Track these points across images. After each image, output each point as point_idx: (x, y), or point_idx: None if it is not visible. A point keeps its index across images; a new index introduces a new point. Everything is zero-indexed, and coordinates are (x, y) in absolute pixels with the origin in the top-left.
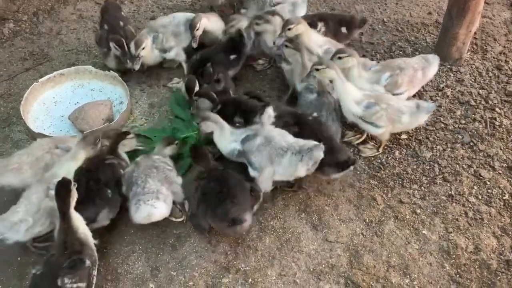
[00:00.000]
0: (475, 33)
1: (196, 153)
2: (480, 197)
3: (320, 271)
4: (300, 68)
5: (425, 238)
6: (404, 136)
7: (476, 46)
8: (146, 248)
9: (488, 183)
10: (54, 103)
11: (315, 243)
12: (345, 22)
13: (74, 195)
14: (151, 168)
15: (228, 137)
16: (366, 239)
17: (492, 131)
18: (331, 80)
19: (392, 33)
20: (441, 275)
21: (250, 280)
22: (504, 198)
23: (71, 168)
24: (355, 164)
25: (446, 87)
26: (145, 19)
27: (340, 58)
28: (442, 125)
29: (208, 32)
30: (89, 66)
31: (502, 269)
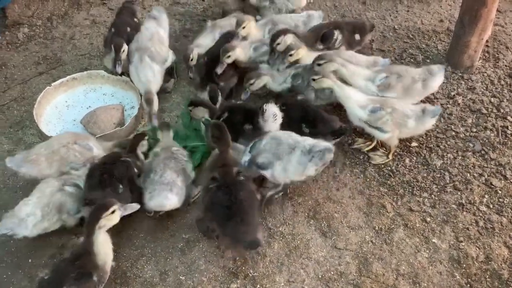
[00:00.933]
0: (487, 41)
1: (215, 131)
2: (491, 206)
3: (328, 278)
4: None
5: (435, 246)
6: (414, 144)
7: (488, 54)
8: (155, 252)
9: (500, 192)
10: (66, 107)
11: (324, 250)
12: (358, 29)
13: (109, 221)
14: (169, 158)
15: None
16: (375, 246)
17: (504, 139)
18: (329, 88)
19: (403, 40)
20: (451, 284)
21: (258, 286)
22: None
23: None
24: (346, 133)
25: (457, 95)
26: None
27: (319, 65)
28: (453, 133)
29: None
30: (101, 71)
31: None
